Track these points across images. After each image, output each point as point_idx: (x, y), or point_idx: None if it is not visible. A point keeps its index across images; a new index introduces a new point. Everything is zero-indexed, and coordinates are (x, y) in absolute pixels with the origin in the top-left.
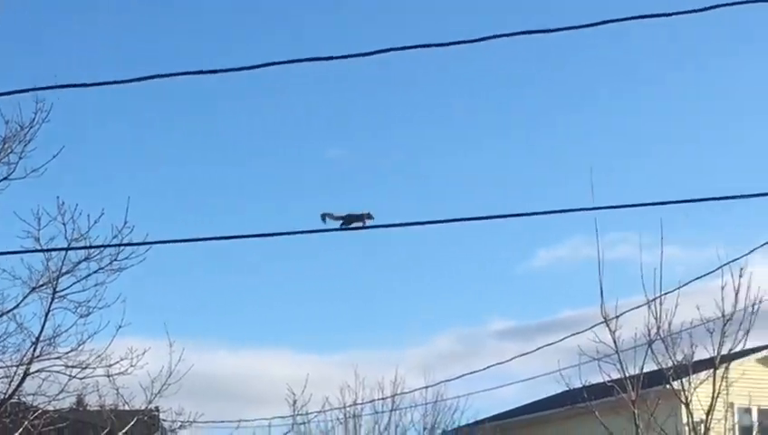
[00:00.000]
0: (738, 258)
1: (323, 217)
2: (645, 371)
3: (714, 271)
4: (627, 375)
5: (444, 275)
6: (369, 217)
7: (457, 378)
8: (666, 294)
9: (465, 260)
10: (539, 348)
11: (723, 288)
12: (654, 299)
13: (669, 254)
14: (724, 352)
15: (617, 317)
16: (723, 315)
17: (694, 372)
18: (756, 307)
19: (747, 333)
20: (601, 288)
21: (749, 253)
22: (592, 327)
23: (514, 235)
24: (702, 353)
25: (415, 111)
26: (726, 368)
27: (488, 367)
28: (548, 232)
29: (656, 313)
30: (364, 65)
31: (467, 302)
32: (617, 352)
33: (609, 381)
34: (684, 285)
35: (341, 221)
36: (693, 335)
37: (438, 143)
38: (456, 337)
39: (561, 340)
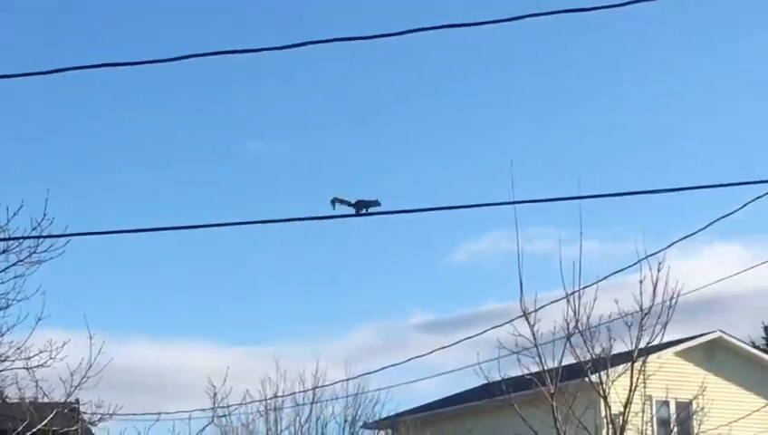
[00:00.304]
0: (656, 252)
1: (333, 202)
2: (563, 364)
3: (632, 265)
4: (545, 368)
5: (366, 268)
6: (377, 203)
7: (378, 371)
8: (584, 288)
9: (387, 253)
10: (458, 341)
11: (641, 282)
12: (573, 293)
13: (589, 248)
14: (642, 345)
15: (536, 311)
16: (641, 309)
17: (612, 366)
18: (674, 301)
19: (665, 326)
20: (521, 282)
21: (667, 247)
22: (511, 321)
23: (437, 228)
24: (621, 347)
25: (363, 108)
26: (644, 361)
27: (408, 360)
28: (470, 226)
29: (574, 306)
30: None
31: (390, 295)
32: (536, 345)
33: (528, 375)
34: (602, 279)
35: (352, 206)
36: (611, 329)
37: (398, 139)
38: (378, 330)
39: (480, 333)
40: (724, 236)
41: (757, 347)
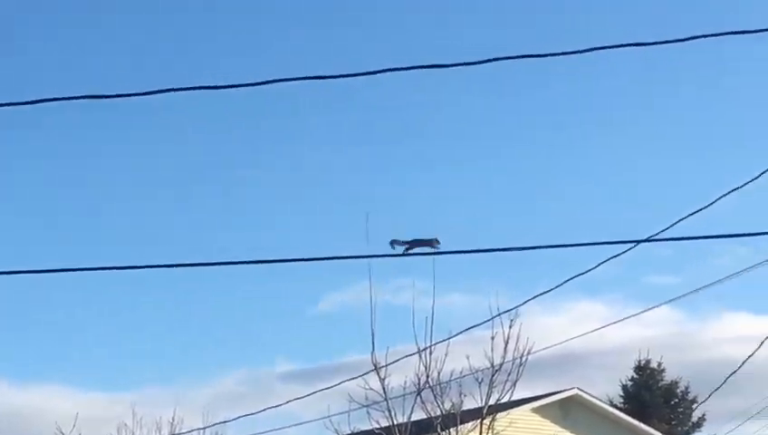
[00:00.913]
0: (510, 309)
1: (392, 243)
2: (413, 419)
3: (485, 321)
4: (395, 423)
5: (232, 315)
6: (437, 242)
7: (235, 419)
8: (437, 343)
9: (255, 300)
10: (312, 393)
11: (493, 338)
12: (425, 348)
13: (450, 301)
14: (493, 401)
15: (386, 365)
16: (492, 365)
17: (462, 422)
18: (525, 358)
19: (515, 384)
20: (372, 335)
21: (522, 304)
22: (364, 375)
23: (304, 276)
24: (473, 403)
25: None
26: (493, 417)
27: (263, 410)
28: (338, 275)
29: (426, 361)
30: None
31: (256, 343)
32: (386, 399)
33: (377, 429)
34: (455, 335)
35: (407, 246)
36: (463, 385)
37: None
38: (243, 378)
39: (333, 386)
40: (587, 293)
41: (614, 405)
